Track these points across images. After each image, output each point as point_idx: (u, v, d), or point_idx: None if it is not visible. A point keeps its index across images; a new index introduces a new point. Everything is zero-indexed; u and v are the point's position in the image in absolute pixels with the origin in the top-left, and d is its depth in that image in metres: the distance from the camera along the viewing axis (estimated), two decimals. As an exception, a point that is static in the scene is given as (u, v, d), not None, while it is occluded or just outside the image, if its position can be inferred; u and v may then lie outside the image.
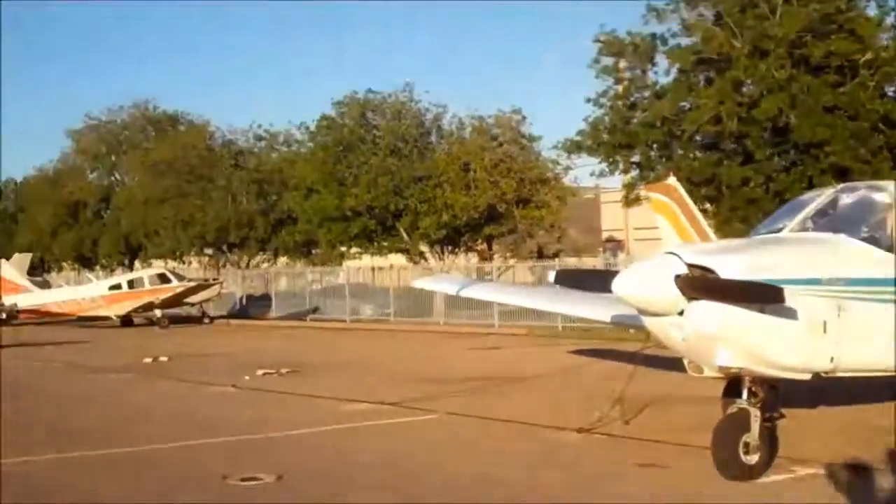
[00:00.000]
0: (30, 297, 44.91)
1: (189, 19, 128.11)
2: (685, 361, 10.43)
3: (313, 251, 50.03)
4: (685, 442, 11.27)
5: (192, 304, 45.56)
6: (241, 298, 49.67)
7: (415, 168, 39.76)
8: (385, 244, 42.10)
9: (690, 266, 9.29)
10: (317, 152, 42.27)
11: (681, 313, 9.29)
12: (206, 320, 45.42)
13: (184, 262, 53.91)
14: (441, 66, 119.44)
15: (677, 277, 9.12)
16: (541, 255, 46.88)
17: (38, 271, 59.72)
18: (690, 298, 9.18)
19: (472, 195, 38.31)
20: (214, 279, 47.39)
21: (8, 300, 44.85)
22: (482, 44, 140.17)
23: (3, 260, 49.03)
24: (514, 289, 27.64)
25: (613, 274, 10.13)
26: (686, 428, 11.96)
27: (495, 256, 43.69)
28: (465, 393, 16.77)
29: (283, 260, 52.81)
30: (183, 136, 53.22)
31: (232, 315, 47.76)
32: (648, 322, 9.88)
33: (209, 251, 52.53)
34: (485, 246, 42.86)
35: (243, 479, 10.10)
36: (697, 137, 27.90)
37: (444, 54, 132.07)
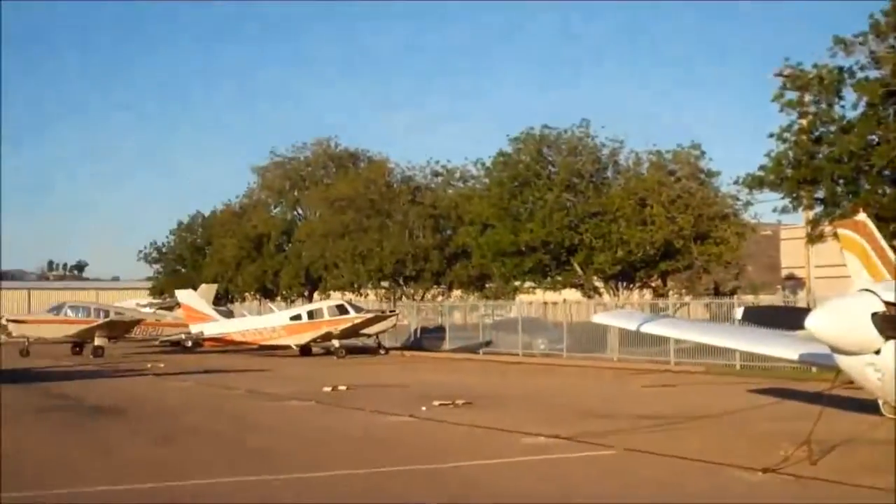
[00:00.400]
0: (215, 326, 46.61)
1: (378, 64, 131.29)
2: (880, 402, 10.05)
3: (487, 285, 50.30)
4: (875, 485, 10.81)
5: (369, 335, 46.40)
6: (415, 330, 50.32)
7: (590, 203, 39.59)
8: (559, 279, 42.00)
9: (888, 304, 8.96)
10: (492, 188, 42.62)
11: (877, 352, 8.96)
12: (382, 351, 46.16)
13: (361, 294, 54.94)
14: (618, 102, 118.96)
15: (874, 315, 8.81)
16: (717, 291, 45.89)
17: (223, 301, 61.87)
18: (888, 337, 8.85)
19: (648, 230, 37.89)
20: (391, 311, 48.20)
21: (195, 328, 46.76)
22: (660, 79, 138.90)
23: (191, 290, 51.11)
24: (694, 325, 27.10)
25: (805, 311, 9.84)
26: (877, 470, 11.46)
27: (670, 293, 42.99)
28: (643, 429, 16.52)
29: (456, 293, 53.28)
30: (363, 173, 54.50)
31: (407, 347, 48.43)
32: (842, 361, 9.56)
33: (385, 283, 53.42)
34: (660, 282, 42.21)
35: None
36: (886, 172, 26.89)
37: (621, 90, 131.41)
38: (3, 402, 23.34)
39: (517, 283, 45.27)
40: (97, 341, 47.71)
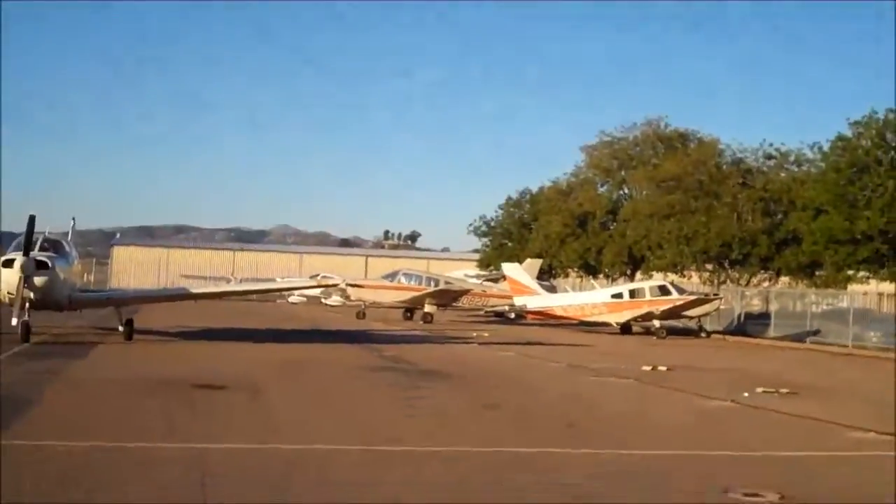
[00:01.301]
0: (537, 300, 47.67)
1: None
2: None
3: (817, 273, 48.41)
4: None
5: (691, 318, 45.94)
6: (739, 315, 49.24)
7: (937, 191, 37.27)
8: (896, 270, 39.82)
9: None
10: (829, 173, 40.98)
11: None
12: (704, 334, 45.58)
13: (684, 276, 54.37)
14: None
15: None
16: None
17: (547, 276, 63.03)
18: None
19: None
20: (714, 294, 47.44)
21: (518, 301, 48.05)
22: None
23: (517, 264, 52.48)
24: None
25: None
26: None
27: None
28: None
29: (784, 280, 51.63)
30: (692, 154, 53.75)
31: (729, 331, 47.51)
32: None
33: (710, 266, 52.57)
34: None
35: (745, 495, 10.15)
36: None
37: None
38: (338, 359, 25.15)
39: (850, 273, 43.31)
40: (427, 308, 50.05)
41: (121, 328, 28.72)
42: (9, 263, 25.50)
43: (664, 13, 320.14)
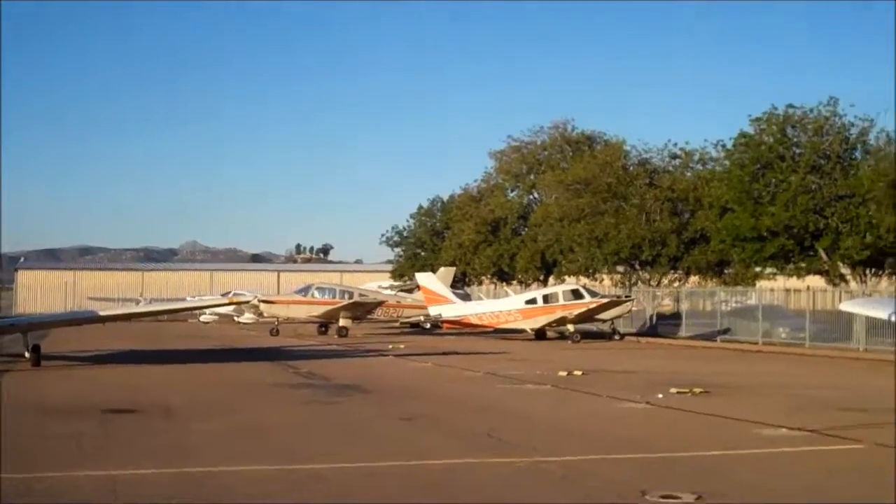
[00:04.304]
0: (452, 309, 47.70)
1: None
2: None
3: (726, 271, 49.24)
4: None
5: (604, 321, 46.37)
6: (651, 317, 49.86)
7: (837, 186, 38.14)
8: (802, 265, 40.58)
9: None
10: (733, 170, 41.64)
11: None
12: (617, 337, 46.06)
13: (596, 279, 54.85)
14: (870, 79, 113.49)
15: None
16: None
17: (461, 284, 63.15)
18: None
19: (900, 215, 36.10)
20: (626, 296, 47.93)
21: (433, 311, 48.00)
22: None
23: (431, 273, 52.46)
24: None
25: None
26: None
27: (924, 280, 40.86)
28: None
29: (694, 279, 52.39)
30: (599, 156, 54.28)
31: (642, 333, 48.06)
32: None
33: (621, 268, 53.12)
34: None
35: (662, 497, 10.20)
36: None
37: (868, 68, 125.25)
38: (253, 378, 24.82)
39: (758, 269, 44.11)
40: (342, 322, 49.72)
41: (27, 354, 28.00)
42: None
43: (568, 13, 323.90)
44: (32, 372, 26.38)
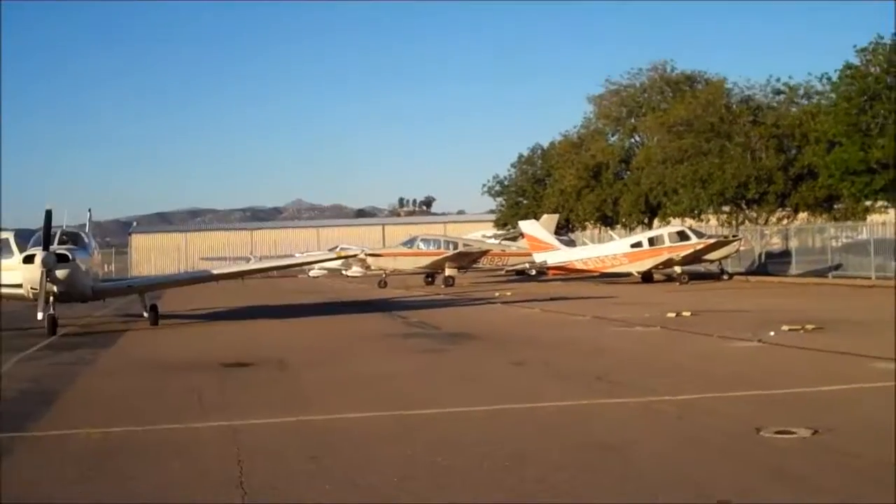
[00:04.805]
0: (557, 255, 47.72)
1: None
2: None
3: (835, 206, 48.25)
4: None
5: (712, 261, 45.93)
6: (759, 255, 49.20)
7: (949, 115, 36.97)
8: (915, 197, 39.58)
9: None
10: (839, 103, 40.65)
11: None
12: (726, 277, 45.61)
13: (702, 220, 54.26)
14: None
15: None
16: None
17: (565, 230, 63.00)
18: None
19: None
20: (734, 236, 47.35)
21: (538, 257, 48.09)
22: None
23: (534, 220, 52.46)
24: None
25: None
26: None
27: None
28: None
29: (802, 216, 51.48)
30: (700, 95, 53.43)
31: (751, 272, 47.47)
32: None
33: (727, 208, 52.43)
34: None
35: (777, 432, 10.19)
36: None
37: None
38: (365, 330, 25.25)
39: (868, 203, 43.13)
40: (448, 272, 50.13)
41: (146, 314, 28.94)
42: (29, 259, 25.63)
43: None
44: (151, 331, 27.24)
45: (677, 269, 44.67)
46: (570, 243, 54.91)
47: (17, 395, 15.09)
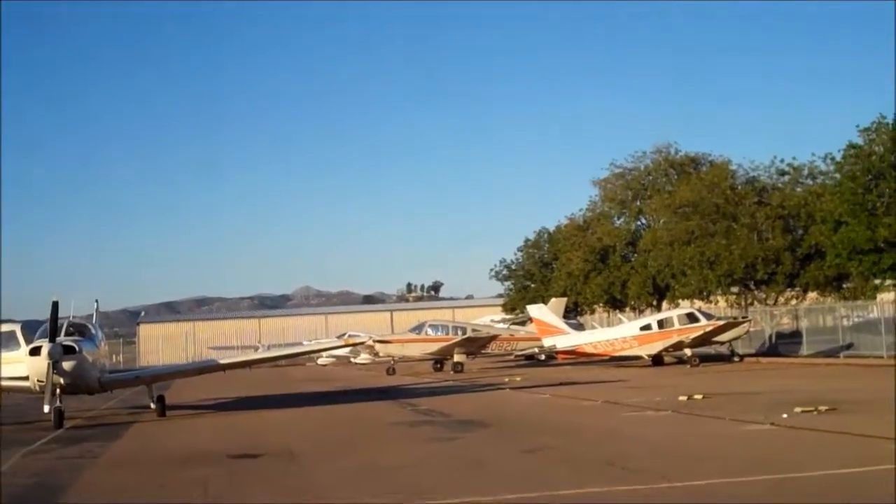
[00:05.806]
0: (566, 339, 47.52)
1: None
2: None
3: (844, 285, 48.12)
4: None
5: (722, 343, 45.65)
6: (770, 336, 48.94)
7: (956, 193, 37.06)
8: (924, 275, 39.48)
9: None
10: (844, 182, 40.80)
11: None
12: (736, 358, 45.29)
13: (710, 301, 54.08)
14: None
15: None
16: None
17: (573, 314, 62.82)
18: None
19: None
20: (743, 317, 47.15)
21: (547, 342, 47.87)
22: None
23: (542, 304, 52.36)
24: None
25: None
26: None
27: None
28: None
29: (811, 295, 51.32)
30: (705, 177, 53.67)
31: (762, 353, 47.18)
32: None
33: (735, 289, 52.31)
34: None
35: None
36: None
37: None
38: (373, 418, 25.04)
39: (877, 282, 43.01)
40: (457, 357, 49.89)
41: (153, 405, 28.77)
42: (36, 351, 25.54)
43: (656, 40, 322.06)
44: (158, 422, 27.05)
45: (687, 351, 44.42)
46: (579, 327, 54.78)
47: (21, 490, 14.92)
